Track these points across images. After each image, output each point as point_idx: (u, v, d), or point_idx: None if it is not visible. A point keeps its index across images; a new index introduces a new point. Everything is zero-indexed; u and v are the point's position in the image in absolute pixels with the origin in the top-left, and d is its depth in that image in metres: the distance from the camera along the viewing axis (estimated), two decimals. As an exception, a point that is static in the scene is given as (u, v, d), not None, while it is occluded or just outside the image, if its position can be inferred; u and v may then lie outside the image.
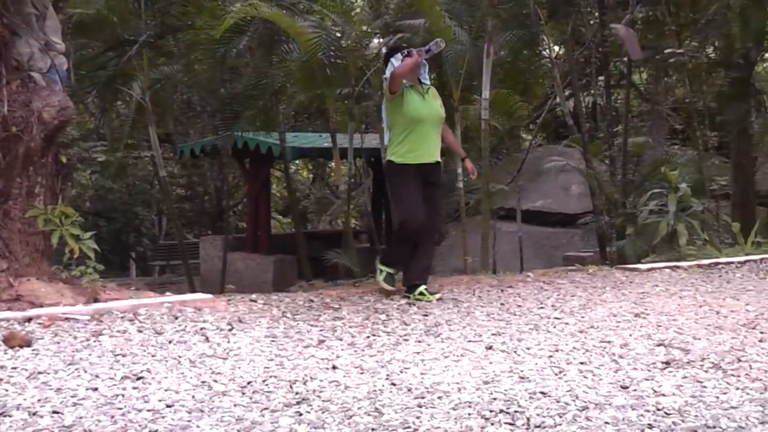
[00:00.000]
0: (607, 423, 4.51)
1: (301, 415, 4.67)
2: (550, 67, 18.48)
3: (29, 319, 6.89)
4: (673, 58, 18.08)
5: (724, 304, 8.39)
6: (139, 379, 5.36)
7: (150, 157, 25.13)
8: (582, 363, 5.87)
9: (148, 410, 4.71)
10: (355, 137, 17.03)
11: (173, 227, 25.22)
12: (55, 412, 4.65)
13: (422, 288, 8.63)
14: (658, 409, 4.75)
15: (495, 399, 4.96)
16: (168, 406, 4.79)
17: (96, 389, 5.09)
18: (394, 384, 5.31)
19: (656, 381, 5.37)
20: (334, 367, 5.74)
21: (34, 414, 4.60)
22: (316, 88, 15.28)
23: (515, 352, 6.22)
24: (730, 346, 6.38)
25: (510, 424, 4.51)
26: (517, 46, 16.53)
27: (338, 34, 14.80)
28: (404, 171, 8.65)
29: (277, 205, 32.51)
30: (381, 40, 17.00)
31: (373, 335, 6.84)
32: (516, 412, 4.70)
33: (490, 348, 6.30)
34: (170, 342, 6.36)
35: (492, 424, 4.51)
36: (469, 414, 4.68)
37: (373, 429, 4.42)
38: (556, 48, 22.12)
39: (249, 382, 5.33)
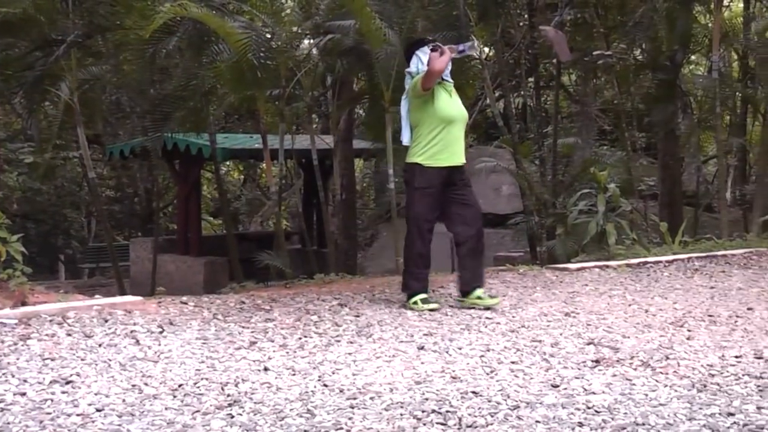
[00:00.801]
0: (538, 422, 4.54)
1: (232, 417, 4.65)
2: (480, 69, 18.58)
3: (-45, 324, 6.78)
4: (602, 60, 18.28)
5: (653, 302, 8.50)
6: (68, 383, 5.29)
7: (79, 159, 24.82)
8: (513, 362, 5.90)
9: (78, 415, 4.65)
10: (285, 138, 16.99)
11: (102, 229, 24.92)
12: (-19, 417, 4.58)
13: (479, 292, 8.24)
14: (588, 407, 4.80)
15: (427, 399, 4.97)
16: (98, 410, 4.74)
17: (24, 394, 5.02)
18: (326, 385, 5.30)
19: (586, 379, 5.42)
20: (265, 369, 5.71)
21: (-40, 420, 4.53)
22: (246, 89, 15.18)
23: (447, 352, 6.24)
24: (659, 344, 6.46)
25: (442, 424, 4.52)
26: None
27: (268, 35, 14.74)
28: (431, 174, 8.13)
29: (208, 207, 32.35)
30: (311, 41, 16.97)
31: (305, 336, 6.82)
32: (448, 411, 4.72)
33: (422, 348, 6.31)
34: (100, 345, 6.29)
35: (424, 424, 4.52)
36: (401, 414, 4.69)
37: (305, 430, 4.41)
38: (486, 49, 22.25)
39: (180, 385, 5.29)
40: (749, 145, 23.92)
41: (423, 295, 8.11)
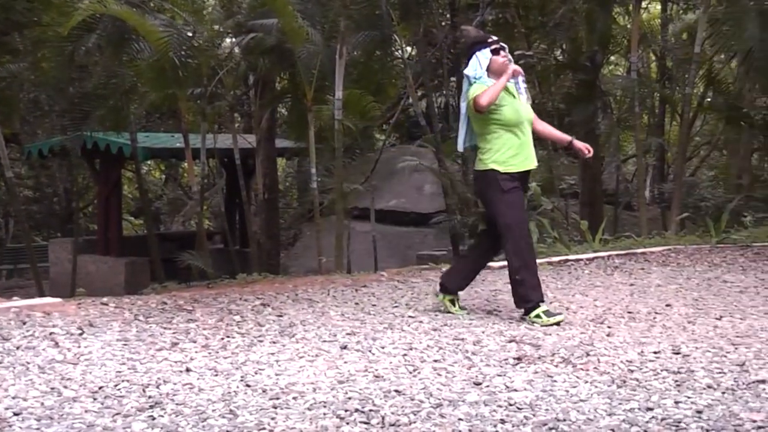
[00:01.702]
0: (460, 419, 4.56)
1: (154, 419, 4.60)
2: (402, 68, 18.64)
3: None
4: (523, 60, 18.37)
5: (574, 300, 8.59)
6: (-15, 386, 5.20)
7: (-5, 158, 24.43)
8: (436, 361, 5.92)
9: (-5, 418, 4.58)
10: (207, 137, 16.89)
11: (21, 230, 24.54)
12: None
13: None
14: (510, 404, 4.83)
15: (350, 398, 4.97)
16: (15, 414, 4.66)
17: (-61, 398, 4.94)
18: (248, 385, 5.27)
19: (508, 377, 5.45)
20: (187, 370, 5.67)
21: None
22: (167, 88, 15.08)
23: (370, 351, 6.24)
24: (579, 340, 6.52)
25: (365, 423, 4.52)
26: (370, 46, 16.61)
27: (190, 34, 14.66)
28: (508, 180, 7.50)
29: (129, 207, 31.99)
30: (233, 39, 16.90)
31: (228, 337, 6.78)
32: (371, 410, 4.72)
33: (345, 348, 6.31)
34: (18, 348, 6.19)
35: (347, 423, 4.51)
36: (324, 414, 4.68)
37: (227, 431, 4.39)
38: (409, 49, 22.30)
39: (100, 387, 5.23)
40: (667, 145, 24.27)
41: (544, 307, 7.48)
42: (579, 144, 8.07)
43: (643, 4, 22.11)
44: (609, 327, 7.14)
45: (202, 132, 16.41)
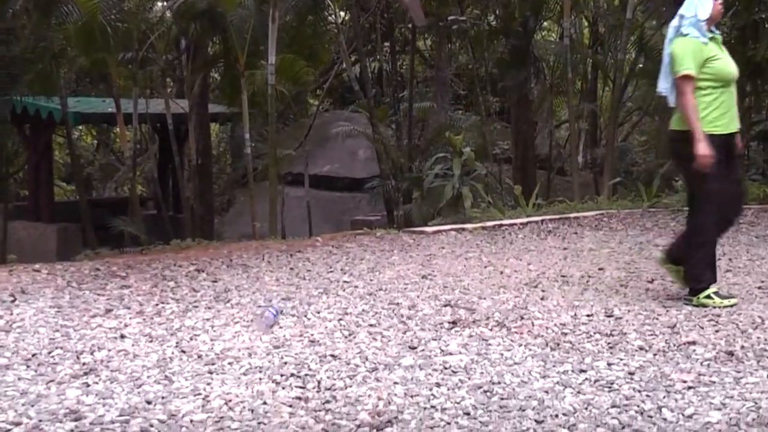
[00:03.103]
0: (396, 383, 4.59)
1: (88, 386, 4.58)
2: (335, 33, 18.58)
3: None
4: (456, 26, 18.46)
5: (508, 264, 8.65)
6: None
7: None
8: (371, 325, 5.95)
9: (-74, 387, 4.53)
10: (139, 102, 16.72)
11: (-52, 196, 24.15)
12: None
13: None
14: (446, 368, 4.87)
15: (286, 363, 4.98)
16: (-53, 382, 4.62)
17: None
18: (183, 351, 5.26)
19: (443, 341, 5.49)
20: (122, 336, 5.64)
21: None
22: (97, 52, 14.89)
23: (305, 316, 6.25)
24: (514, 304, 6.58)
25: (301, 387, 4.53)
26: (303, 11, 16.52)
27: (120, -3, 14.48)
28: (711, 143, 6.44)
29: (60, 172, 31.55)
30: (165, 3, 16.72)
31: (162, 303, 6.75)
32: (307, 375, 4.73)
33: (280, 313, 6.31)
34: (-52, 315, 6.13)
35: (283, 388, 4.52)
36: (260, 379, 4.68)
37: (163, 397, 4.37)
38: (342, 14, 22.22)
39: (34, 355, 5.19)
40: (599, 110, 24.45)
41: (715, 288, 6.72)
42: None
43: (576, -30, 22.18)
44: (543, 291, 7.21)
45: (134, 97, 16.26)
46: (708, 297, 6.60)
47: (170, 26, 16.60)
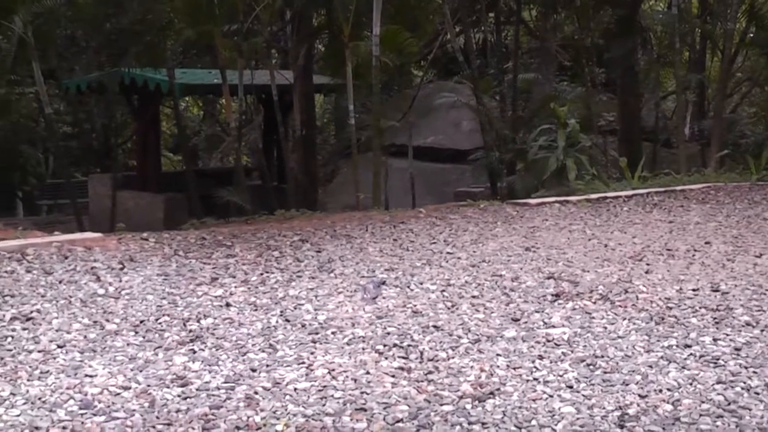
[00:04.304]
0: (498, 355, 4.59)
1: (195, 353, 4.66)
2: (440, 4, 18.47)
3: None
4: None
5: (612, 237, 8.57)
6: (28, 320, 5.27)
7: (35, 94, 24.49)
8: (474, 297, 5.94)
9: (39, 351, 4.64)
10: (245, 74, 16.85)
11: (60, 166, 24.65)
12: (-59, 354, 4.56)
13: None
14: (548, 341, 4.85)
15: (388, 333, 5.00)
16: (59, 347, 4.73)
17: (-16, 331, 5.01)
18: (287, 320, 5.32)
19: (546, 313, 5.47)
20: (227, 305, 5.72)
21: None
22: (202, 24, 15.03)
23: (408, 287, 6.27)
24: (618, 277, 6.52)
25: (403, 357, 4.55)
26: (408, -18, 16.47)
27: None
28: None
29: (167, 143, 32.06)
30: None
31: (267, 272, 6.83)
32: (409, 345, 4.75)
33: (383, 283, 6.34)
34: (60, 282, 6.27)
35: (386, 358, 4.55)
36: (363, 348, 4.71)
37: (267, 365, 4.43)
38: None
39: (142, 321, 5.29)
40: (707, 81, 23.99)
41: None
42: None
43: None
44: (647, 264, 7.12)
45: (240, 68, 16.36)
46: None
47: (275, -2, 16.66)
